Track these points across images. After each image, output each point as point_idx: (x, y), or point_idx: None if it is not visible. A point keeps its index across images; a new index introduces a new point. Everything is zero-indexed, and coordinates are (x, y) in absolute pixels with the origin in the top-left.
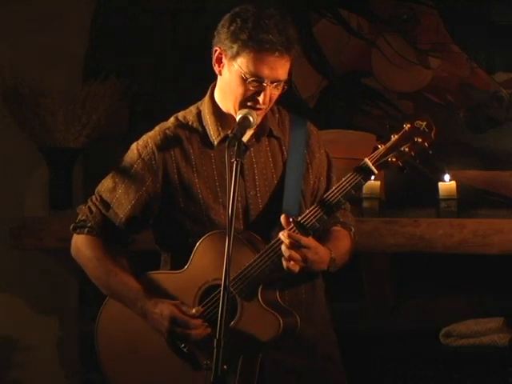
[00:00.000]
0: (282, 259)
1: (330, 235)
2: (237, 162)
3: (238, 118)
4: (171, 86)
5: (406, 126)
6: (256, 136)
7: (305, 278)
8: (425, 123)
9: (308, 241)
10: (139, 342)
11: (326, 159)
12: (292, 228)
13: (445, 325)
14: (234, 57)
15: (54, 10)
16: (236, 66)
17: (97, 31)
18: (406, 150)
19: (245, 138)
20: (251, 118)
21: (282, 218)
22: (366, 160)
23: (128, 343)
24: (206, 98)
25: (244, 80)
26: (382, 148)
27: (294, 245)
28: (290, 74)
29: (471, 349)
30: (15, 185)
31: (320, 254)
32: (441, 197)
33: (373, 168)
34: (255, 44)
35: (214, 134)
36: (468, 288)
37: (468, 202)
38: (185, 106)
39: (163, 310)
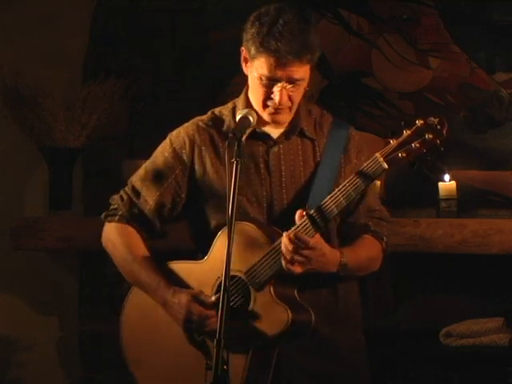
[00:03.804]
0: (282, 259)
1: (353, 241)
2: (237, 161)
3: (237, 118)
4: (171, 86)
5: (419, 122)
6: (286, 134)
7: (325, 278)
8: (437, 120)
9: (315, 242)
10: (159, 330)
11: None
12: (304, 221)
13: (445, 325)
14: (252, 58)
15: (54, 10)
16: (254, 67)
17: (97, 31)
18: (417, 146)
19: (275, 135)
20: (251, 118)
21: (298, 213)
22: (377, 155)
23: (149, 331)
24: (242, 93)
25: (261, 81)
26: (393, 143)
27: (298, 249)
28: (310, 72)
29: (471, 349)
30: (15, 185)
31: (326, 255)
32: (441, 197)
33: (383, 163)
34: (265, 50)
35: None
36: (468, 288)
37: (468, 201)
38: (185, 106)
39: (181, 298)
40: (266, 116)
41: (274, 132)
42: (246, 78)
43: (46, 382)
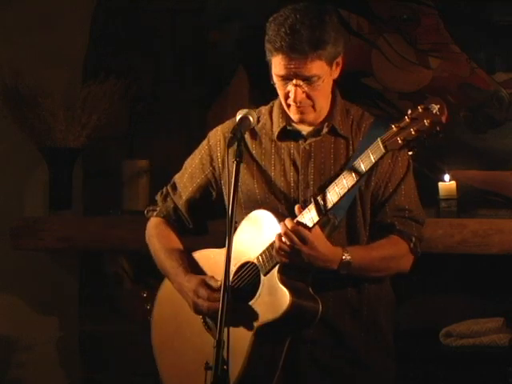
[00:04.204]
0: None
1: (374, 241)
2: (237, 161)
3: (237, 119)
4: (171, 86)
5: (420, 108)
6: (316, 131)
7: (349, 280)
8: (438, 107)
9: (305, 233)
10: (182, 318)
11: (402, 169)
12: (310, 206)
13: (445, 325)
14: (269, 59)
15: (54, 10)
16: (272, 68)
17: (97, 31)
18: (415, 131)
19: (305, 132)
20: (251, 118)
21: (297, 207)
22: (378, 139)
23: (174, 319)
24: None
25: (278, 80)
26: (394, 128)
27: (288, 235)
28: (330, 68)
29: (471, 349)
30: (15, 185)
31: (319, 250)
32: (441, 197)
33: (382, 148)
34: (274, 50)
35: (275, 126)
36: (468, 288)
37: (468, 201)
38: (185, 106)
39: (192, 283)
40: (292, 116)
41: (305, 129)
42: (245, 77)
43: (46, 382)
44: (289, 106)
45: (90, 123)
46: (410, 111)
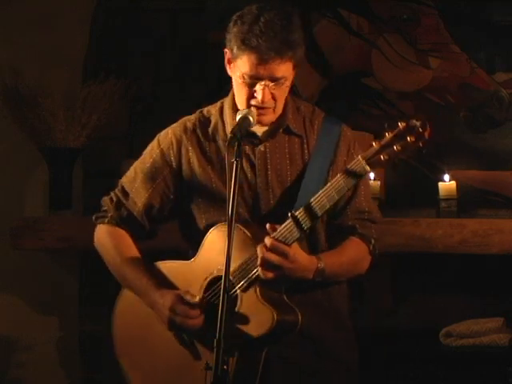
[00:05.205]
0: (258, 265)
1: (337, 244)
2: (237, 161)
3: (237, 118)
4: (171, 86)
5: (401, 125)
6: (270, 132)
7: (317, 284)
8: (419, 123)
9: (285, 248)
10: (149, 330)
11: None
12: (288, 223)
13: (445, 325)
14: (235, 57)
15: (54, 10)
16: (237, 67)
17: (97, 31)
18: (399, 148)
19: (259, 133)
20: (251, 118)
21: (268, 226)
22: (359, 158)
23: (140, 331)
24: (230, 93)
25: (244, 80)
26: (375, 146)
27: (267, 257)
28: (294, 71)
29: (471, 349)
30: (15, 185)
31: (298, 262)
32: (441, 197)
33: (366, 166)
34: (247, 48)
35: (228, 126)
36: (468, 288)
37: (468, 201)
38: (185, 106)
39: (166, 300)
40: None
41: (259, 130)
42: None
43: (46, 382)
44: (249, 106)
45: (89, 123)
46: (387, 127)
